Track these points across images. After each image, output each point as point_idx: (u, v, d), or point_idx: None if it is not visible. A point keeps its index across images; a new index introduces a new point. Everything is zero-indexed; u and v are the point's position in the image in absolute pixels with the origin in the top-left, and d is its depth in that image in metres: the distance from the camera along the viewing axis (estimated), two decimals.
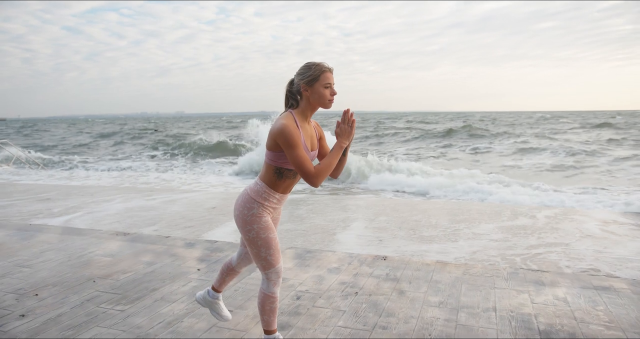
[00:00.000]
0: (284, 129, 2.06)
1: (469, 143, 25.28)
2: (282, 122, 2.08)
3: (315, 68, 2.12)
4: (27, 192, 8.80)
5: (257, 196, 2.22)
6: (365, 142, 29.98)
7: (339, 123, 2.16)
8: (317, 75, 2.11)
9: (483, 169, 14.60)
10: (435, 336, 2.64)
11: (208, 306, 2.67)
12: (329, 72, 2.14)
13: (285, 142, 2.06)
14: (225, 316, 2.66)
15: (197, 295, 2.72)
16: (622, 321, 2.79)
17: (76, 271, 3.82)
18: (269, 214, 2.26)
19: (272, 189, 2.23)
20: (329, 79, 2.13)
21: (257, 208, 2.22)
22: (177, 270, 3.84)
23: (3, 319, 2.92)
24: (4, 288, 3.45)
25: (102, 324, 2.82)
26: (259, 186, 2.23)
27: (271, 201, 2.25)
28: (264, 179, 2.24)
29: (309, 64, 2.15)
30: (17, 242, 4.77)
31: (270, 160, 2.19)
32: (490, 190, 9.34)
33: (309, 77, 2.12)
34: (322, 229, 5.43)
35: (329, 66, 2.15)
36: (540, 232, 5.06)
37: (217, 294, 2.64)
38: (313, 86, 2.12)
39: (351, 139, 2.19)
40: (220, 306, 2.65)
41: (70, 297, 3.27)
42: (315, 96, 2.14)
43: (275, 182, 2.23)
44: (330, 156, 2.15)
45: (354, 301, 3.16)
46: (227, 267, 2.58)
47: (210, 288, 2.66)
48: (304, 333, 2.69)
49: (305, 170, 2.07)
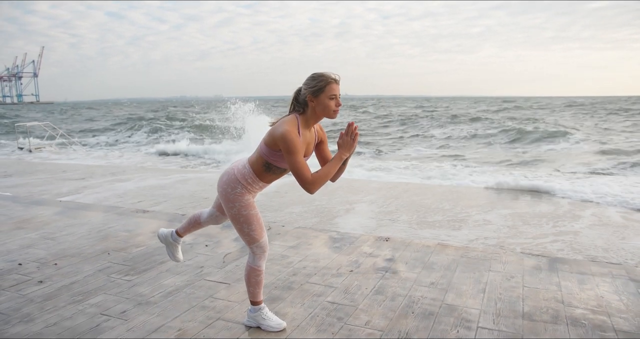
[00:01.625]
0: (286, 135, 2.13)
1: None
2: (286, 129, 2.14)
3: (321, 79, 2.17)
4: (64, 172, 9.32)
5: (242, 179, 2.33)
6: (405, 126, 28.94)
7: (342, 134, 2.22)
8: (322, 87, 2.16)
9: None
10: (418, 313, 2.72)
11: (166, 245, 2.88)
12: (335, 83, 2.19)
13: (285, 148, 2.14)
14: (178, 258, 2.88)
15: (160, 232, 2.91)
16: (611, 306, 2.77)
17: (94, 244, 4.10)
18: (250, 194, 2.38)
19: (257, 177, 2.34)
20: (334, 90, 2.18)
21: (240, 188, 2.33)
22: (186, 246, 4.04)
23: (23, 284, 3.20)
24: (28, 257, 3.76)
25: (108, 292, 3.05)
26: (246, 170, 2.34)
27: (254, 186, 2.36)
28: (252, 166, 2.34)
29: (315, 75, 2.19)
30: (46, 217, 5.13)
31: (264, 154, 2.28)
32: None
33: (314, 88, 2.17)
34: (330, 210, 5.54)
35: (334, 77, 2.19)
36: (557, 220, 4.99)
37: (179, 238, 2.84)
38: (318, 96, 2.17)
39: (352, 151, 2.25)
40: (177, 249, 2.87)
41: (85, 267, 3.52)
42: (320, 107, 2.20)
43: (262, 173, 2.33)
44: (329, 166, 2.22)
45: (347, 278, 3.26)
46: (195, 219, 2.74)
47: (174, 231, 2.84)
48: (291, 306, 2.82)
49: (302, 176, 2.16)
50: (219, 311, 2.76)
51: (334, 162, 2.23)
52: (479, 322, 2.60)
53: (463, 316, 2.68)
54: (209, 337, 2.44)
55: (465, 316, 2.68)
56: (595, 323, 2.57)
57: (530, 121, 24.80)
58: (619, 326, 2.54)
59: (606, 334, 2.44)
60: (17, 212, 5.39)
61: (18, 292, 3.06)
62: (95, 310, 2.77)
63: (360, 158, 13.24)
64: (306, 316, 2.68)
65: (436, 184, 8.32)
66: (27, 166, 10.59)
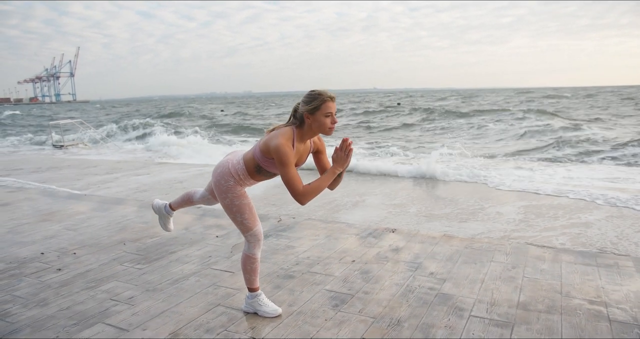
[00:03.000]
0: (280, 148, 2.22)
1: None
2: (280, 141, 2.23)
3: (317, 98, 2.25)
4: (94, 167, 9.71)
5: (235, 173, 2.43)
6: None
7: (337, 150, 2.29)
8: (318, 105, 2.24)
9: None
10: (413, 302, 2.76)
11: (159, 215, 3.09)
12: (331, 101, 2.26)
13: (278, 159, 2.23)
14: (169, 228, 3.11)
15: (155, 203, 3.10)
16: (610, 297, 2.74)
17: (112, 235, 4.30)
18: (242, 186, 2.47)
19: (248, 175, 2.44)
20: (330, 108, 2.26)
21: (232, 181, 2.44)
22: (199, 237, 4.19)
23: (43, 271, 3.41)
24: (50, 247, 3.99)
25: (120, 279, 3.22)
26: (239, 166, 2.44)
27: (245, 182, 2.47)
28: (245, 163, 2.44)
29: (312, 94, 2.27)
30: (70, 210, 5.39)
31: (257, 158, 2.38)
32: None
33: (311, 106, 2.25)
34: (341, 203, 5.60)
35: (331, 95, 2.27)
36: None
37: (172, 211, 3.05)
38: (315, 114, 2.25)
39: (346, 166, 2.33)
40: (169, 221, 3.09)
41: (101, 256, 3.72)
42: (316, 124, 2.28)
43: (253, 173, 2.44)
44: (322, 179, 2.30)
45: (348, 268, 3.33)
46: (188, 197, 2.89)
47: (168, 205, 3.02)
48: (290, 294, 2.92)
49: (293, 188, 2.24)
50: (221, 298, 2.88)
51: (327, 176, 2.31)
52: (472, 311, 2.62)
53: (457, 305, 2.71)
54: (206, 321, 2.56)
55: (459, 305, 2.70)
56: (591, 313, 2.55)
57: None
58: (615, 316, 2.51)
59: (599, 324, 2.43)
60: (45, 205, 5.69)
61: (38, 278, 3.27)
62: (106, 296, 2.94)
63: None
64: (302, 303, 2.77)
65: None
66: (57, 162, 11.08)
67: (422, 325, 2.47)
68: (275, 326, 2.50)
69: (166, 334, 2.42)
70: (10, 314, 2.73)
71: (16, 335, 2.47)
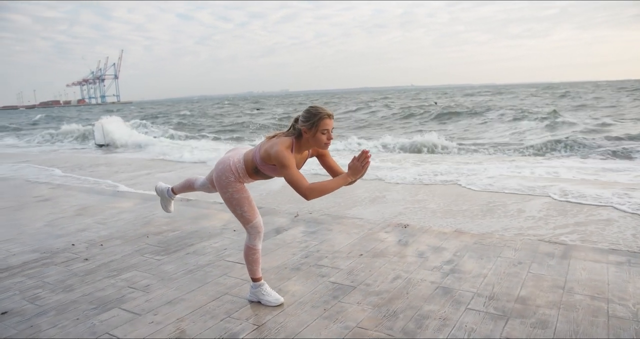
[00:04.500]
0: (279, 154, 2.35)
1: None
2: (280, 149, 2.36)
3: (316, 115, 2.37)
4: (127, 165, 10.18)
5: (235, 170, 2.58)
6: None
7: (354, 159, 2.36)
8: (316, 122, 2.36)
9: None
10: (412, 294, 2.82)
11: (161, 197, 3.29)
12: (328, 119, 2.38)
13: (280, 164, 2.36)
14: (170, 209, 3.31)
15: (158, 185, 3.29)
16: (614, 294, 2.70)
17: (137, 229, 4.56)
18: (241, 183, 2.62)
19: (247, 174, 2.60)
20: (327, 125, 2.38)
21: (232, 178, 2.58)
22: (217, 230, 4.39)
23: (72, 261, 3.68)
24: (81, 239, 4.28)
25: (139, 269, 3.43)
26: (239, 165, 2.59)
27: (244, 179, 2.62)
28: (245, 163, 2.58)
29: (311, 111, 2.40)
30: (103, 205, 5.73)
31: (257, 161, 2.52)
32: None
33: (309, 122, 2.38)
34: (360, 197, 5.67)
35: (328, 113, 2.39)
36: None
37: (173, 195, 3.23)
38: (312, 130, 2.38)
39: (359, 176, 2.39)
40: (170, 203, 3.29)
41: (125, 248, 3.96)
42: (313, 139, 2.41)
43: (251, 174, 2.60)
44: (332, 181, 2.37)
45: (355, 261, 3.42)
46: (190, 184, 3.06)
47: (170, 189, 3.21)
48: (295, 284, 3.04)
49: (298, 185, 2.33)
50: (229, 287, 3.04)
51: (337, 181, 2.36)
52: (469, 304, 2.66)
53: (455, 298, 2.75)
54: (212, 308, 2.72)
55: (458, 298, 2.75)
56: (590, 309, 2.54)
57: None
58: (614, 312, 2.49)
59: (596, 320, 2.42)
60: (81, 200, 6.06)
61: (66, 267, 3.54)
62: (124, 284, 3.16)
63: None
64: (305, 294, 2.88)
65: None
66: (98, 160, 11.67)
67: (416, 316, 2.53)
68: (276, 314, 2.63)
69: (173, 319, 2.60)
70: (39, 298, 2.99)
71: (42, 317, 2.71)
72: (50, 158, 13.07)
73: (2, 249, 4.06)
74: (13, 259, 3.77)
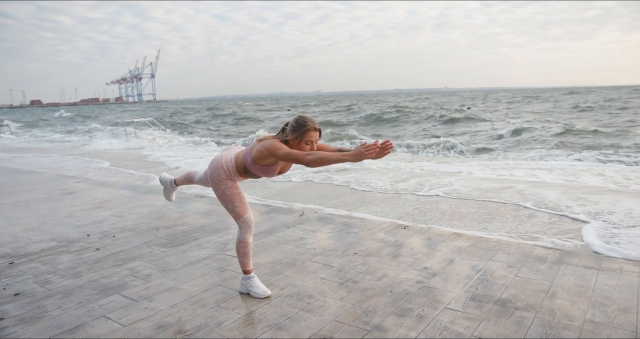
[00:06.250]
0: (272, 144, 2.52)
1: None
2: (271, 141, 2.54)
3: (303, 126, 2.52)
4: (154, 163, 10.56)
5: (226, 169, 2.74)
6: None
7: (363, 145, 2.34)
8: (302, 133, 2.54)
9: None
10: (395, 292, 2.91)
11: (164, 187, 3.47)
12: (314, 131, 2.54)
13: (274, 149, 2.49)
14: (172, 199, 3.48)
15: (162, 176, 3.47)
16: (596, 300, 2.71)
17: (150, 222, 4.80)
18: (233, 181, 2.77)
19: (237, 172, 2.75)
20: (312, 137, 2.54)
21: (224, 175, 2.74)
22: (223, 226, 4.57)
23: (85, 250, 3.93)
24: (95, 230, 4.55)
25: (144, 259, 3.64)
26: (231, 164, 2.74)
27: (235, 178, 2.77)
28: (236, 162, 2.74)
29: (299, 121, 2.55)
30: (122, 199, 6.02)
31: (247, 162, 2.68)
32: None
33: (296, 133, 2.54)
34: (372, 196, 5.74)
35: (315, 126, 2.55)
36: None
37: (175, 186, 3.41)
38: (297, 139, 2.55)
39: (355, 161, 2.42)
40: (172, 193, 3.47)
41: (135, 239, 4.19)
42: (297, 147, 2.58)
43: (241, 173, 2.75)
44: (333, 155, 2.40)
45: (348, 259, 3.52)
46: (190, 177, 3.20)
47: (173, 180, 3.38)
48: (285, 279, 3.17)
49: (299, 156, 2.44)
50: (223, 280, 3.20)
51: (337, 156, 2.39)
52: (449, 304, 2.72)
53: (436, 298, 2.82)
54: (204, 298, 2.89)
55: (439, 298, 2.81)
56: (568, 313, 2.56)
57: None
58: (591, 317, 2.51)
59: (571, 324, 2.44)
60: (100, 194, 6.39)
61: (78, 255, 3.79)
62: (128, 272, 3.37)
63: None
64: (294, 288, 3.01)
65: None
66: (122, 155, 12.14)
67: (394, 314, 2.62)
68: (262, 306, 2.77)
69: (166, 307, 2.78)
70: (49, 282, 3.23)
71: (49, 299, 2.94)
72: (81, 153, 13.68)
73: (24, 237, 4.36)
74: (32, 247, 4.06)
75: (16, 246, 4.11)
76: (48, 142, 20.51)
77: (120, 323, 2.58)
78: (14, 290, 3.11)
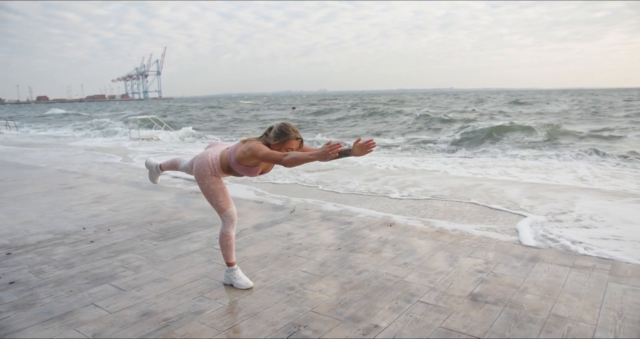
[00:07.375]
0: (255, 145, 2.65)
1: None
2: (254, 143, 2.67)
3: (285, 135, 2.68)
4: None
5: (211, 165, 2.87)
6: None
7: (327, 145, 2.43)
8: (284, 141, 2.70)
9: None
10: (373, 286, 3.03)
11: (150, 171, 3.57)
12: (295, 140, 2.71)
13: (256, 150, 2.62)
14: (157, 181, 3.59)
15: (149, 161, 3.59)
16: (564, 296, 2.82)
17: (144, 217, 4.94)
18: (217, 176, 2.90)
19: (221, 170, 2.88)
20: (293, 145, 2.71)
21: (209, 171, 2.87)
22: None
23: (79, 242, 4.08)
24: (91, 223, 4.69)
25: (135, 252, 3.78)
26: (216, 162, 2.87)
27: (218, 174, 2.90)
28: (220, 160, 2.87)
29: (282, 129, 2.70)
30: (119, 194, 6.17)
31: (230, 161, 2.80)
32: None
33: (278, 140, 2.70)
34: (359, 197, 5.85)
35: (297, 136, 2.71)
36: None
37: (161, 171, 3.52)
38: (278, 145, 2.70)
39: (322, 160, 2.51)
40: (157, 177, 3.57)
41: (129, 233, 4.33)
42: (276, 150, 2.71)
43: (224, 170, 2.88)
44: (303, 156, 2.50)
45: (331, 254, 3.64)
46: (175, 164, 3.30)
47: (159, 165, 3.49)
48: (269, 272, 3.30)
49: (277, 157, 2.57)
50: (209, 271, 3.33)
51: (306, 156, 2.49)
52: (422, 297, 2.84)
53: (411, 291, 2.93)
54: (188, 288, 3.02)
55: (413, 291, 2.93)
56: (534, 307, 2.67)
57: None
58: (557, 311, 2.61)
59: (535, 317, 2.55)
60: (100, 189, 6.55)
61: (73, 247, 3.93)
62: (119, 264, 3.51)
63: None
64: (275, 281, 3.14)
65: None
66: (125, 151, 12.31)
67: (368, 305, 2.74)
68: (243, 296, 2.90)
69: (152, 296, 2.91)
70: (43, 272, 3.37)
71: (42, 288, 3.08)
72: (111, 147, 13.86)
73: (22, 230, 4.51)
74: (29, 239, 4.21)
75: (14, 237, 4.26)
76: (51, 138, 20.77)
77: (107, 310, 2.72)
78: (9, 279, 3.25)
